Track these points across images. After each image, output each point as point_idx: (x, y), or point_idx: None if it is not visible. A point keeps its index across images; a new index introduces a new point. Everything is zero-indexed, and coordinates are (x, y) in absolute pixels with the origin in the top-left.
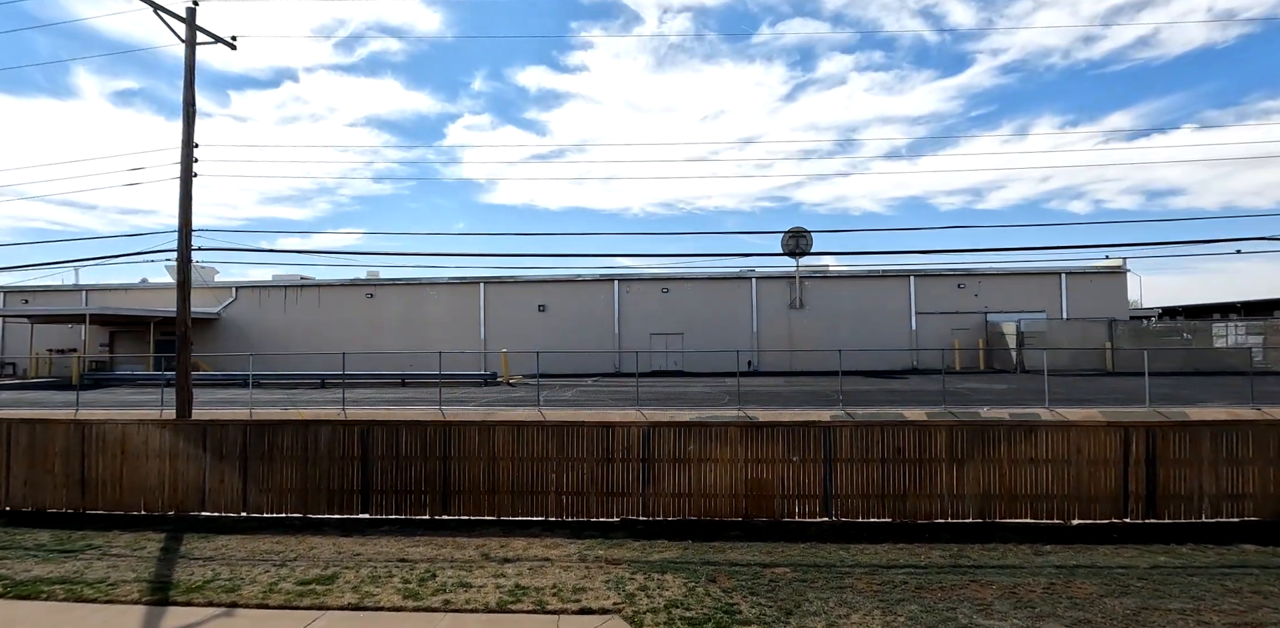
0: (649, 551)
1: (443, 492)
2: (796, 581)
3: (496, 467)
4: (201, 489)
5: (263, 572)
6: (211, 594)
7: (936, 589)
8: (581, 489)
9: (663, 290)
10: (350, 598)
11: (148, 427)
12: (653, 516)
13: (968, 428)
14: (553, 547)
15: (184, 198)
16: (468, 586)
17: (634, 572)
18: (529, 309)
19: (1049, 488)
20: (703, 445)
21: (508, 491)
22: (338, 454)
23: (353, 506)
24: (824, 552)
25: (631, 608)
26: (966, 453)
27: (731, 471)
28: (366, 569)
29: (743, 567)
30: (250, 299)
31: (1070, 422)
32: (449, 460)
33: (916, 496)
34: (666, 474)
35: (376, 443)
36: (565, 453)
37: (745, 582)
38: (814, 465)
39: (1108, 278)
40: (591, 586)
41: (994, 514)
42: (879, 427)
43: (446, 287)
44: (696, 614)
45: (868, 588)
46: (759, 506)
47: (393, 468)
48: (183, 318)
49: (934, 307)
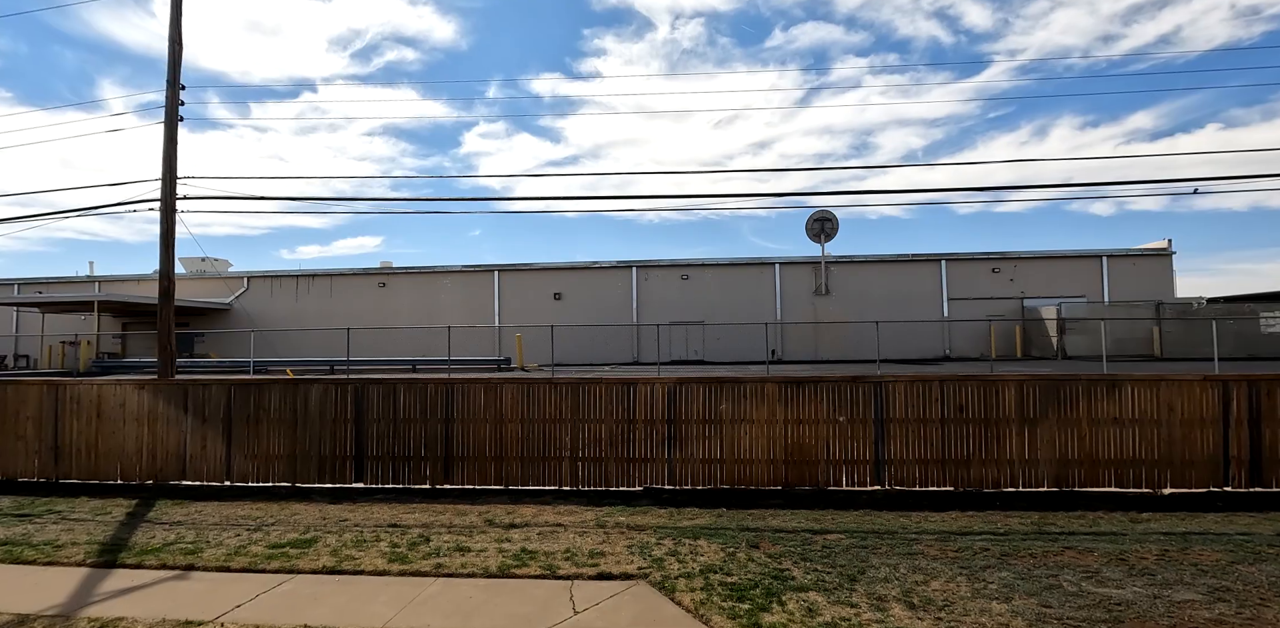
0: (677, 518)
1: (444, 458)
2: (855, 547)
3: (504, 430)
4: (182, 456)
5: (233, 536)
6: (167, 557)
7: (1025, 557)
8: (599, 455)
9: (682, 277)
10: (327, 562)
11: (125, 387)
12: (679, 484)
13: (1040, 383)
14: (566, 514)
15: (168, 140)
16: (466, 550)
17: (661, 538)
18: (544, 297)
19: (1136, 452)
20: (736, 405)
21: (516, 457)
22: (329, 417)
23: (345, 474)
24: (881, 519)
25: (660, 573)
26: (1039, 412)
27: (769, 433)
28: (351, 534)
29: (788, 534)
30: (262, 289)
31: (1160, 375)
32: (451, 423)
33: (982, 461)
34: (695, 438)
35: (371, 404)
36: (581, 414)
37: (794, 548)
38: (863, 427)
39: (1152, 260)
40: (611, 550)
41: (1072, 483)
42: (937, 381)
43: (460, 275)
44: (740, 580)
45: (942, 555)
46: (801, 473)
47: (389, 432)
48: (166, 271)
49: (967, 292)
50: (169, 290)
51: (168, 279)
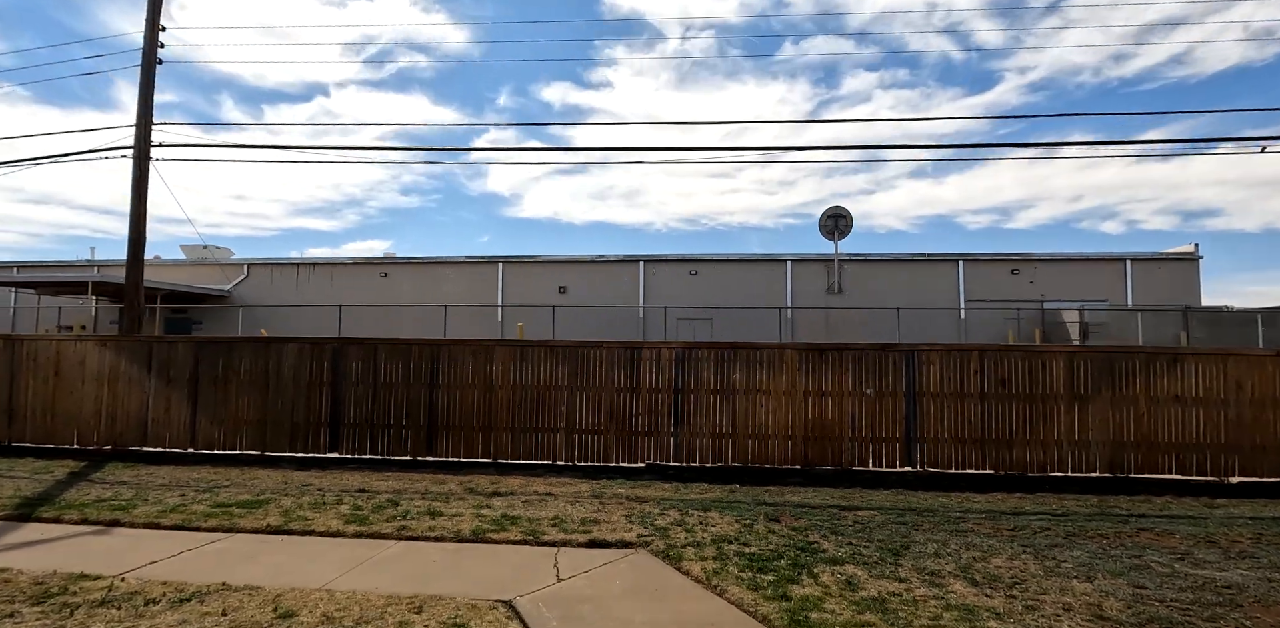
0: (684, 492)
1: (427, 427)
2: (893, 523)
3: (494, 397)
4: (143, 420)
5: (176, 496)
6: (92, 512)
7: (1096, 537)
8: (598, 427)
9: (691, 273)
10: (274, 521)
11: (85, 344)
12: (686, 461)
13: (1092, 356)
14: (558, 485)
15: (145, 82)
16: (437, 514)
17: (666, 509)
18: (549, 290)
19: (1199, 435)
20: (751, 373)
21: (506, 427)
22: (304, 380)
23: (319, 442)
24: (916, 499)
25: (663, 542)
26: (1092, 388)
27: (788, 406)
28: (311, 497)
29: (812, 509)
30: (262, 276)
31: (1228, 350)
32: (436, 389)
33: (1026, 442)
34: (705, 409)
35: (350, 366)
36: (579, 381)
37: (821, 522)
38: (893, 401)
39: (1178, 265)
40: (607, 519)
41: (1127, 468)
42: (976, 352)
43: (463, 266)
44: (760, 551)
45: (995, 532)
46: (822, 450)
47: (368, 397)
48: (136, 218)
49: (985, 294)
50: (139, 240)
51: (138, 230)
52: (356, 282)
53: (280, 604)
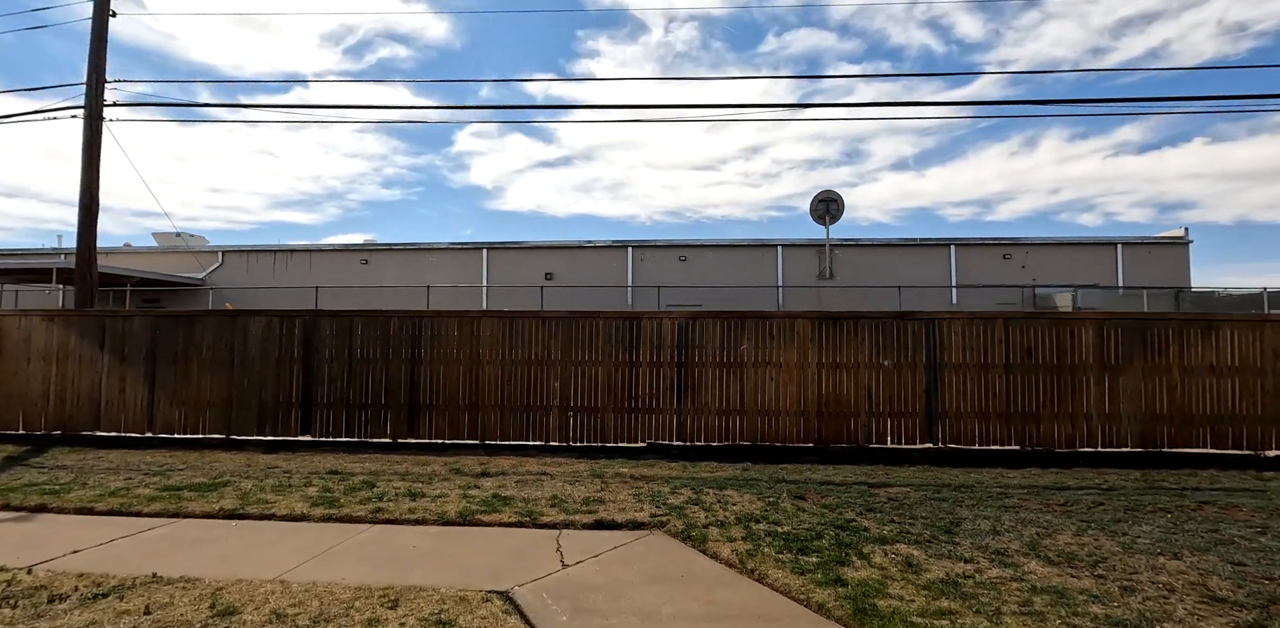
0: (692, 470)
1: (409, 406)
2: (931, 500)
3: (481, 373)
4: (96, 402)
5: (120, 480)
6: (16, 497)
7: (1156, 511)
8: (595, 404)
9: (680, 258)
10: (228, 505)
11: (31, 319)
12: (691, 440)
13: (1123, 323)
14: (554, 465)
15: (96, 38)
16: (418, 496)
17: (677, 487)
18: (535, 277)
19: (1235, 407)
20: (760, 345)
21: (494, 405)
22: (272, 356)
23: (289, 423)
24: (946, 475)
25: (681, 522)
26: (1123, 358)
27: (800, 379)
28: (275, 480)
29: (837, 486)
30: (238, 264)
31: (1264, 316)
32: (418, 365)
33: (1054, 415)
34: (710, 384)
35: (323, 341)
36: (574, 355)
37: (851, 499)
38: (912, 373)
39: (1168, 248)
40: (613, 498)
41: (1160, 442)
42: (1001, 319)
43: (447, 252)
44: (795, 530)
45: (1046, 508)
46: (837, 427)
47: (344, 375)
48: (88, 185)
49: (976, 279)
50: (92, 207)
51: (90, 195)
52: (337, 269)
53: (220, 599)
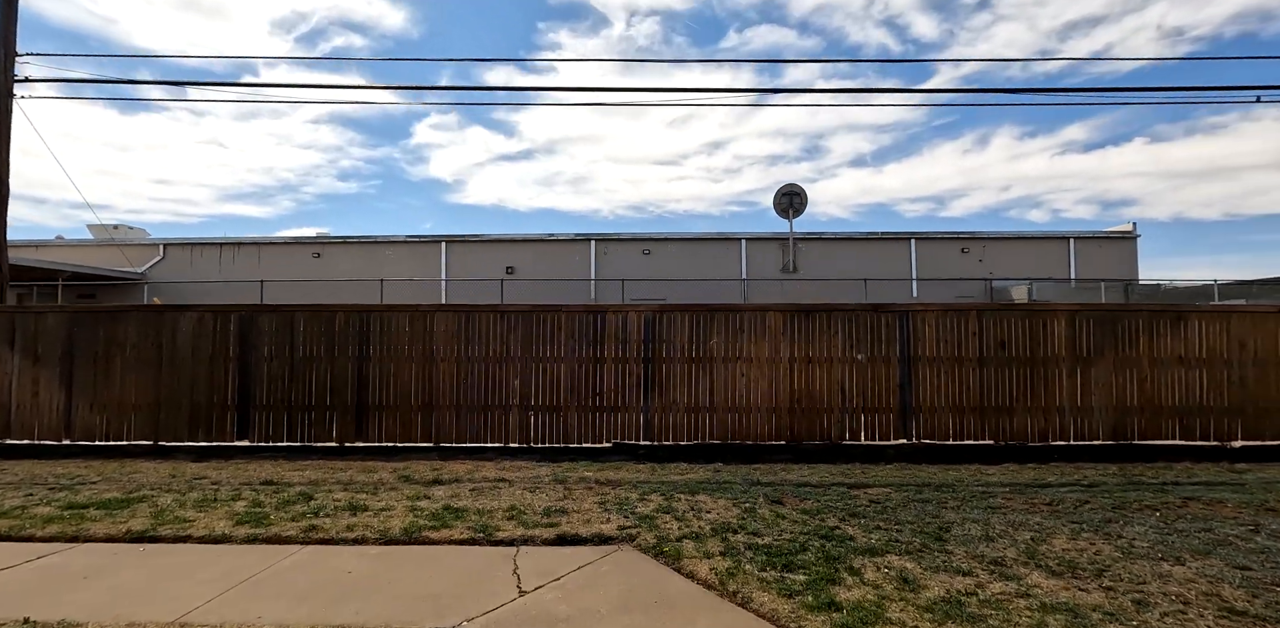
0: (661, 473)
1: (356, 407)
2: (914, 502)
3: (435, 371)
4: (6, 406)
5: (18, 496)
6: None
7: (1143, 509)
8: (557, 403)
9: (644, 252)
10: (138, 525)
11: None
12: (659, 439)
13: (1095, 315)
14: (513, 469)
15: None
16: (359, 509)
17: (646, 493)
18: (496, 271)
19: (1203, 398)
20: (730, 339)
21: (450, 405)
22: (205, 353)
23: (225, 428)
24: (924, 473)
25: (652, 535)
26: (1094, 350)
27: (771, 374)
28: (200, 493)
29: (815, 488)
30: (180, 258)
31: (1230, 307)
32: (367, 362)
33: (1027, 409)
34: (679, 380)
35: (262, 337)
36: (534, 351)
37: (832, 503)
38: (885, 367)
39: (1118, 243)
40: (576, 507)
41: (1131, 434)
42: (974, 311)
43: (404, 245)
44: (776, 542)
45: (1031, 508)
46: (810, 424)
47: (285, 374)
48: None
49: (936, 272)
50: (4, 178)
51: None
52: (288, 263)
53: None
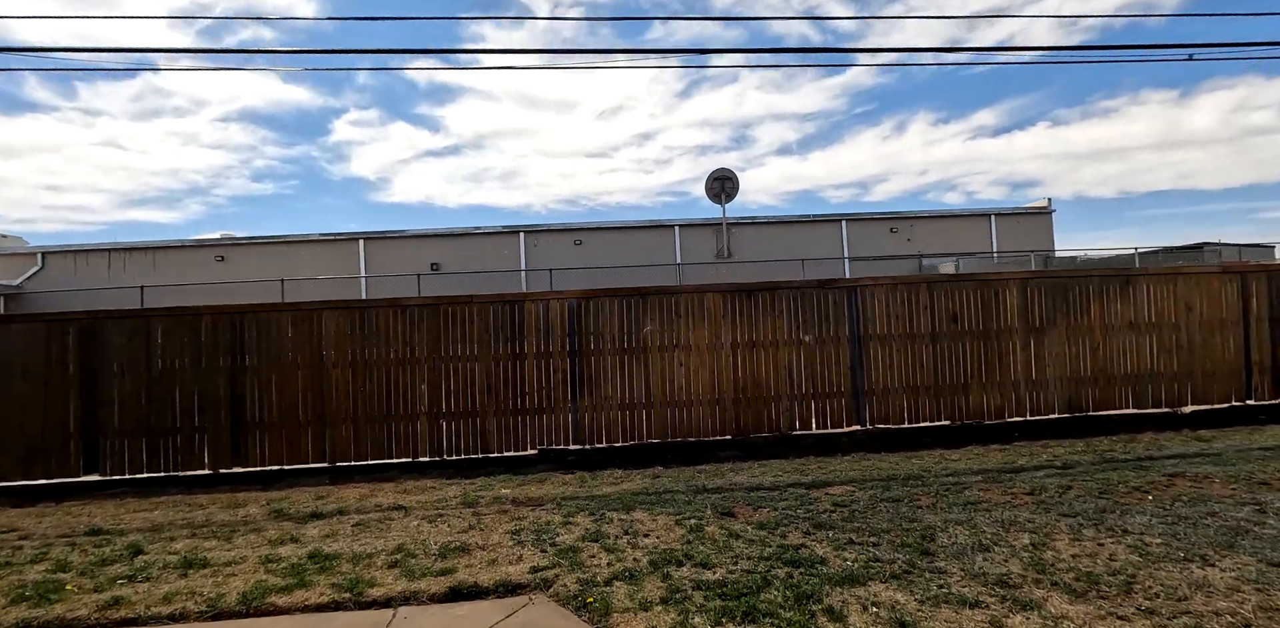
0: (593, 484)
1: (232, 426)
2: (883, 501)
3: (326, 379)
4: None
5: None
6: None
7: (1132, 492)
8: (472, 407)
9: (575, 243)
10: None
11: None
12: (591, 442)
13: (1046, 282)
14: (416, 491)
15: None
16: (198, 565)
17: (571, 514)
18: (420, 268)
19: (1154, 364)
20: (666, 326)
21: (346, 417)
22: (38, 371)
23: (68, 461)
24: (886, 464)
25: (574, 576)
26: (1046, 319)
27: (713, 363)
28: None
29: (769, 492)
30: (62, 266)
31: (1176, 269)
32: (243, 374)
33: (983, 385)
34: (610, 374)
35: (111, 350)
36: (443, 350)
37: (792, 511)
38: (835, 348)
39: (1035, 218)
40: (483, 542)
41: (1086, 405)
42: (924, 283)
43: (319, 244)
44: (733, 576)
45: (1013, 501)
46: (758, 414)
47: (142, 392)
48: None
49: (867, 251)
50: None
51: None
52: (188, 269)
53: None
